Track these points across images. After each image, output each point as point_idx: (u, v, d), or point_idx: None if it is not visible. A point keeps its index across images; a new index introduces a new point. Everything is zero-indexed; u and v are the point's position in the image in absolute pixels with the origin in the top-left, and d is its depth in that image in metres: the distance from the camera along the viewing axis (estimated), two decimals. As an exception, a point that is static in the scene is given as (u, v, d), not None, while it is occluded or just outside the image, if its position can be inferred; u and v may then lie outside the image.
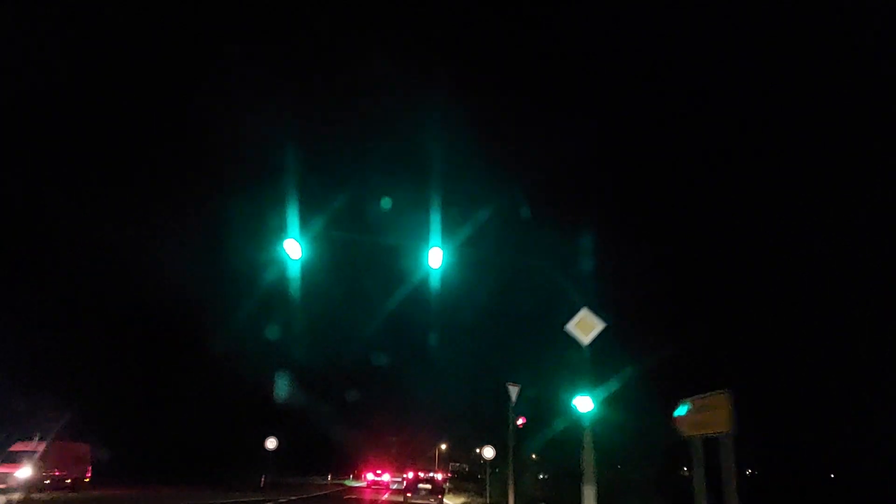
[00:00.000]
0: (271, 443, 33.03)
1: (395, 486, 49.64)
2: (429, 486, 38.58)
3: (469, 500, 32.75)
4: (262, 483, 35.96)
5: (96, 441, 26.57)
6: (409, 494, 34.24)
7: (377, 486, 49.57)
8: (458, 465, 71.58)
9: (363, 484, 55.67)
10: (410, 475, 41.30)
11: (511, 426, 20.96)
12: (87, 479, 25.40)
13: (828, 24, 28.00)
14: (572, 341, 10.85)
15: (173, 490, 28.06)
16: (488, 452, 27.83)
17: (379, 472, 54.42)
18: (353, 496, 36.01)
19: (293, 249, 11.25)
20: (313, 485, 50.14)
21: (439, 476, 40.84)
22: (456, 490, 41.34)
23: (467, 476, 55.12)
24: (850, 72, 30.55)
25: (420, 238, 11.95)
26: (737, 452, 7.27)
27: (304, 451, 51.26)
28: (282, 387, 47.09)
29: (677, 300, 34.32)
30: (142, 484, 30.07)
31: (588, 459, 10.22)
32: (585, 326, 10.70)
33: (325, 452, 63.28)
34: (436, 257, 11.40)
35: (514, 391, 20.22)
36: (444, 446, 74.34)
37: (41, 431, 22.71)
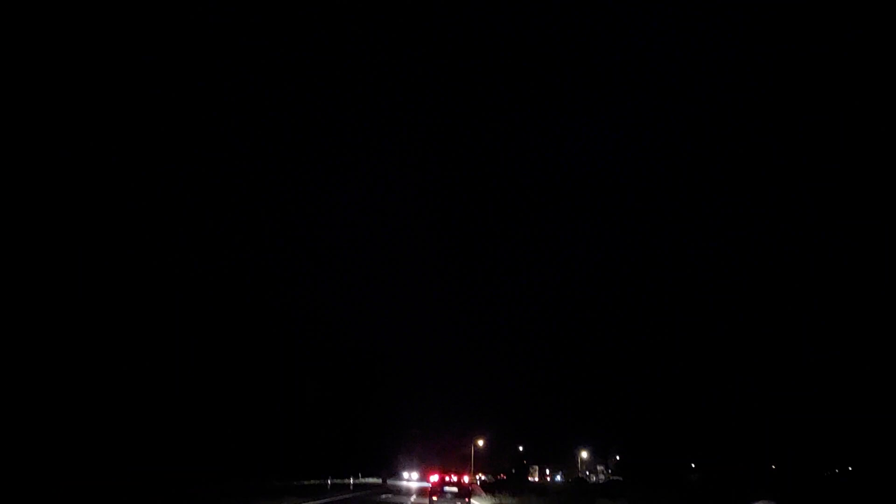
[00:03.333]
0: None
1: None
2: (455, 489, 36.37)
3: None
4: None
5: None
6: (434, 497, 31.48)
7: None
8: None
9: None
10: (436, 477, 38.69)
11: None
12: None
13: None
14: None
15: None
16: None
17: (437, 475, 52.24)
18: None
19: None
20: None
21: (466, 478, 38.14)
22: None
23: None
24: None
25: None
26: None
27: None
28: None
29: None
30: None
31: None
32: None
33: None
34: None
35: None
36: (480, 442, 69.40)
37: None
